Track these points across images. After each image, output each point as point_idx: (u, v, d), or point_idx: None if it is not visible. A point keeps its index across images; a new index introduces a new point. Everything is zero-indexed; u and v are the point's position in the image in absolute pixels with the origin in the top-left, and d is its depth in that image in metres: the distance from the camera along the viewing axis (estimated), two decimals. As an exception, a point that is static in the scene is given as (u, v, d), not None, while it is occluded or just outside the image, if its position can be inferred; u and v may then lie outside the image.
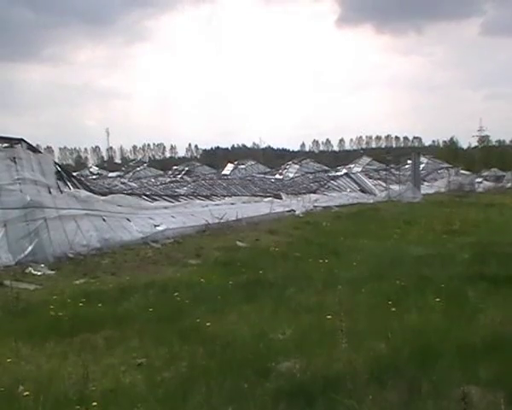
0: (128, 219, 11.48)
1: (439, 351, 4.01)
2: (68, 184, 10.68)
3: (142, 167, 46.20)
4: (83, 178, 19.02)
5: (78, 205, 10.34)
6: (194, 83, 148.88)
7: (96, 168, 53.69)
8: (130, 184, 31.59)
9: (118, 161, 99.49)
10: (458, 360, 3.77)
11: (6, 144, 9.77)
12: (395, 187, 29.13)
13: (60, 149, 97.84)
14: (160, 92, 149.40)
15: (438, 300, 5.62)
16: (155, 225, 11.99)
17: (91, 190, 11.80)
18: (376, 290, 6.23)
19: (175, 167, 45.86)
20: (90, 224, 10.33)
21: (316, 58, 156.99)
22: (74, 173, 14.58)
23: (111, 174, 43.78)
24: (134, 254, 9.71)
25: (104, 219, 10.79)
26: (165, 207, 14.09)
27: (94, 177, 40.61)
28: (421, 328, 4.68)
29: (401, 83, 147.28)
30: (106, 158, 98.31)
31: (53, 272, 8.25)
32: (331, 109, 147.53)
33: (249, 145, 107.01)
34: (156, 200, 14.36)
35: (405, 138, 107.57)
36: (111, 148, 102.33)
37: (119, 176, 40.16)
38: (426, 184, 35.09)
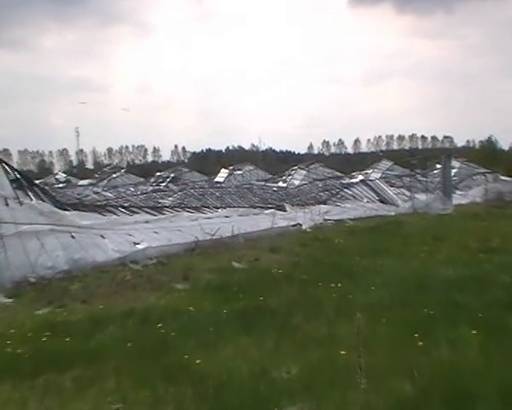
0: (102, 236, 11.48)
1: (475, 395, 4.00)
2: (30, 194, 10.68)
3: (118, 174, 46.28)
4: (47, 187, 19.06)
5: (41, 219, 10.34)
6: (182, 73, 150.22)
7: (64, 175, 53.80)
8: (104, 193, 31.58)
9: (90, 166, 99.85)
10: (499, 407, 3.76)
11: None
12: (421, 196, 29.17)
13: (19, 151, 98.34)
14: (140, 85, 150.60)
15: (474, 332, 5.63)
16: (135, 243, 11.98)
17: (58, 202, 11.81)
18: (399, 320, 6.23)
19: (158, 174, 46.04)
20: (56, 242, 10.32)
21: (325, 44, 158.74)
22: (37, 181, 14.60)
23: (81, 182, 43.84)
24: (109, 278, 9.69)
25: (73, 236, 10.78)
26: (147, 222, 14.06)
27: (61, 185, 40.69)
28: (454, 366, 4.67)
29: (427, 72, 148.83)
30: (75, 163, 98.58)
31: (11, 300, 8.23)
32: (344, 104, 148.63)
33: (247, 147, 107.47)
34: (136, 213, 14.35)
35: (434, 138, 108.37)
36: (81, 151, 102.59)
37: (91, 184, 40.19)
38: (458, 192, 35.12)
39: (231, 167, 46.64)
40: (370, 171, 41.68)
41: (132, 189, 35.99)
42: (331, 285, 8.44)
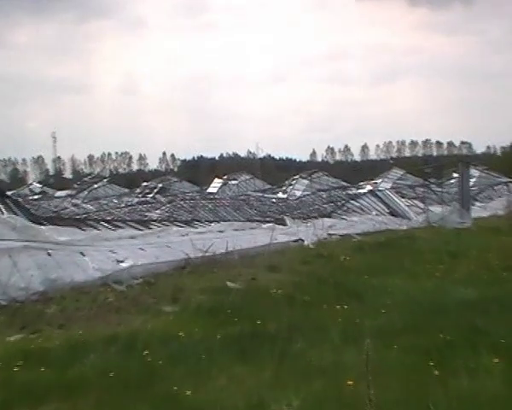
0: (82, 254, 11.46)
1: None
2: (1, 207, 10.69)
3: (100, 184, 46.38)
4: (21, 199, 19.06)
5: (14, 235, 10.33)
6: (171, 73, 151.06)
7: (39, 186, 53.89)
8: (84, 206, 31.67)
9: (68, 175, 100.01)
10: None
11: None
12: (436, 209, 29.20)
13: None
14: (125, 85, 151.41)
15: (496, 360, 5.63)
16: (118, 261, 11.95)
17: (32, 215, 11.82)
18: (413, 346, 6.24)
19: (145, 184, 46.11)
20: (30, 260, 10.29)
21: (330, 39, 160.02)
22: (9, 193, 14.60)
23: (59, 193, 43.86)
24: (90, 300, 9.64)
25: (49, 254, 10.76)
26: (132, 237, 14.07)
27: (36, 197, 40.68)
28: (474, 398, 4.67)
29: (443, 70, 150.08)
30: (52, 172, 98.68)
31: (-21, 324, 8.19)
32: (350, 106, 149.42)
33: (243, 154, 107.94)
34: (120, 227, 14.39)
35: (450, 144, 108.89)
36: (59, 158, 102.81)
37: (69, 196, 40.27)
38: (478, 204, 35.20)
39: (226, 177, 46.76)
40: (380, 180, 41.79)
41: (116, 201, 36.09)
42: (336, 307, 8.44)
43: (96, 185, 45.62)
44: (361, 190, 33.66)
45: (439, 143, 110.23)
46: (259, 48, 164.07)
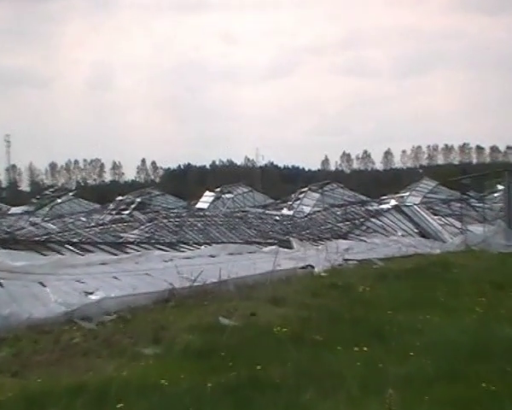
0: (42, 284, 11.46)
1: None
2: None
3: (65, 198, 46.50)
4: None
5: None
6: (151, 64, 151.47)
7: (-11, 201, 53.89)
8: (45, 225, 31.67)
9: (25, 188, 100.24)
10: None
11: None
12: (476, 228, 29.26)
13: None
14: (94, 78, 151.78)
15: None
16: (87, 293, 11.96)
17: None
18: (448, 398, 6.23)
19: (120, 198, 46.16)
20: (-23, 291, 10.29)
21: (346, 24, 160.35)
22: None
23: (14, 210, 44.00)
24: (51, 341, 9.63)
25: (1, 284, 10.76)
26: (104, 264, 14.04)
27: (-15, 214, 40.69)
28: None
29: (484, 60, 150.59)
30: (5, 183, 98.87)
31: None
32: (371, 103, 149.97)
33: (239, 162, 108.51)
34: (89, 251, 14.40)
35: (494, 149, 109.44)
36: (13, 167, 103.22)
37: (27, 212, 40.33)
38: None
39: (218, 189, 46.89)
40: (407, 194, 41.97)
41: (84, 219, 36.10)
42: (354, 349, 8.43)
43: (59, 200, 45.74)
44: (384, 206, 33.76)
45: (479, 149, 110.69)
46: (259, 33, 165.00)
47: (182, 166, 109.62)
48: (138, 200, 44.54)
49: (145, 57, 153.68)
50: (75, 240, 21.51)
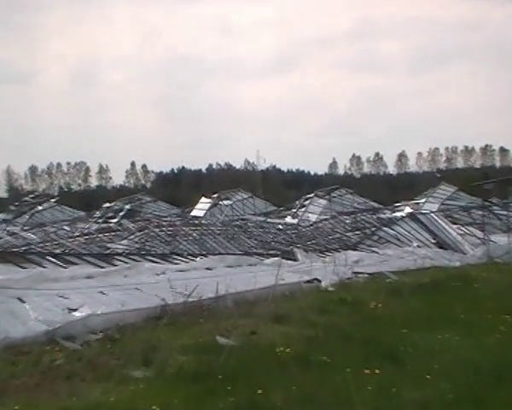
0: (21, 300, 11.44)
1: None
2: None
3: (46, 206, 46.56)
4: None
5: None
6: (142, 57, 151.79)
7: (-37, 208, 53.98)
8: (25, 234, 31.68)
9: (2, 194, 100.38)
10: None
11: None
12: (500, 239, 29.27)
13: None
14: (79, 73, 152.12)
15: None
16: (71, 310, 11.95)
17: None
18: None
19: (107, 205, 46.26)
20: None
21: (355, 13, 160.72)
22: None
23: (-9, 218, 43.94)
24: (31, 363, 9.61)
25: (-24, 300, 10.74)
26: (90, 277, 14.03)
27: (-41, 223, 40.74)
28: None
29: (508, 52, 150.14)
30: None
31: None
32: (383, 101, 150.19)
33: (238, 166, 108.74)
34: (73, 263, 14.39)
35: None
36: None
37: (4, 221, 40.37)
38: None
39: (216, 195, 46.97)
40: (423, 200, 42.00)
41: (67, 228, 36.15)
42: (365, 372, 8.45)
43: (40, 207, 45.80)
44: (397, 214, 33.74)
45: (503, 151, 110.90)
46: (260, 24, 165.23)
47: (175, 170, 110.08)
48: (127, 207, 44.64)
49: (135, 51, 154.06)
50: (58, 251, 21.51)
